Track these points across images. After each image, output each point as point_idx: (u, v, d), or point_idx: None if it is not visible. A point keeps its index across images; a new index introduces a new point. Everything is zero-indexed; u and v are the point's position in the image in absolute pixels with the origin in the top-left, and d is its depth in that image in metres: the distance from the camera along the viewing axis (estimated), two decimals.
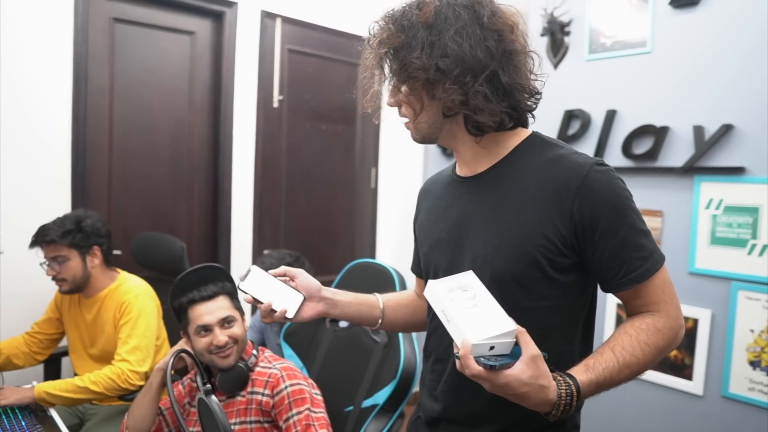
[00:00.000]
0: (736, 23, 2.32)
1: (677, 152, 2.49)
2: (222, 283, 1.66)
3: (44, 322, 2.12)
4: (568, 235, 0.94)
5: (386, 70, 1.02)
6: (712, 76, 2.39)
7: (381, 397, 1.68)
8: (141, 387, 1.81)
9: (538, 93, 1.01)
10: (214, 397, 1.27)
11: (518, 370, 0.83)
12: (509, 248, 0.96)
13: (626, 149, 2.63)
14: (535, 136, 1.04)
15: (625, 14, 2.66)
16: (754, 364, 2.29)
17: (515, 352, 0.86)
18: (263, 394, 1.58)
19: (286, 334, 2.02)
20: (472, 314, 0.88)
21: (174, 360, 1.40)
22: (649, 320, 0.96)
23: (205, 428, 1.30)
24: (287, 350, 2.00)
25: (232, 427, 1.57)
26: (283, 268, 1.12)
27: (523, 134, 1.04)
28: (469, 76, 0.93)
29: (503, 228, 0.98)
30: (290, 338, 2.01)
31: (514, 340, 0.86)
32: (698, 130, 2.40)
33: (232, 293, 1.67)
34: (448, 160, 3.47)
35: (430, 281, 0.93)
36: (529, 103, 1.01)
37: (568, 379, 0.88)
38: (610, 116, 2.68)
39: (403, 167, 3.60)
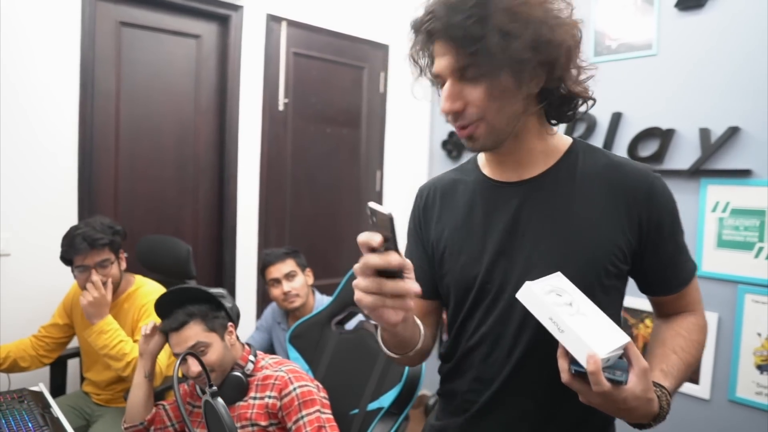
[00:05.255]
0: (742, 25, 2.31)
1: (683, 155, 2.48)
2: (192, 307, 1.60)
3: (51, 326, 2.12)
4: (633, 243, 0.94)
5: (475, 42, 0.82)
6: (718, 78, 2.38)
7: (386, 400, 1.68)
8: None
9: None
10: (220, 399, 1.27)
11: (633, 385, 0.80)
12: (580, 257, 0.92)
13: (632, 152, 2.62)
14: (579, 142, 1.00)
15: (630, 16, 2.66)
16: (762, 368, 2.28)
17: (619, 364, 0.83)
18: (270, 397, 1.58)
19: (292, 337, 2.02)
20: (584, 323, 0.82)
21: (180, 362, 1.40)
22: (692, 319, 0.99)
23: (211, 430, 1.30)
24: (293, 353, 2.00)
25: None
26: None
27: (566, 139, 1.00)
28: (573, 57, 0.88)
29: (572, 236, 0.93)
30: (296, 341, 2.01)
31: (623, 351, 0.84)
32: (704, 133, 2.40)
33: (205, 315, 1.60)
34: (453, 162, 3.47)
35: (527, 282, 0.85)
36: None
37: (662, 388, 0.86)
38: (616, 119, 2.68)
39: (408, 170, 3.60)
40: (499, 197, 0.99)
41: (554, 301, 0.84)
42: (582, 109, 0.96)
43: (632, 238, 0.93)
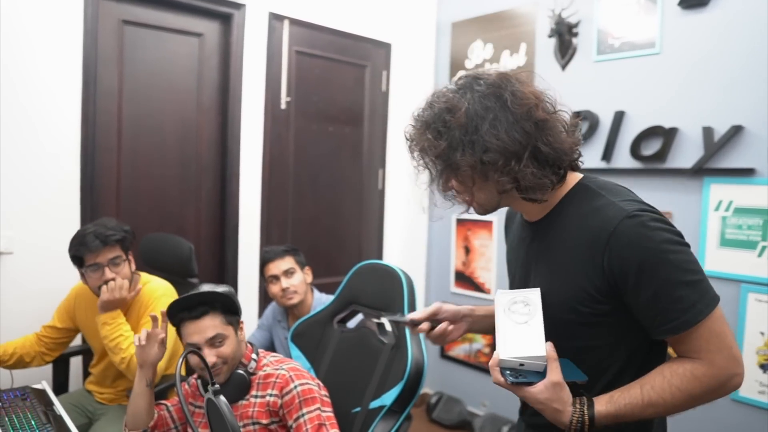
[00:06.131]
0: (745, 24, 2.31)
1: (686, 153, 2.47)
2: (213, 302, 1.60)
3: (50, 328, 2.12)
4: (603, 287, 0.98)
5: (432, 169, 1.06)
6: (721, 76, 2.38)
7: (388, 398, 1.67)
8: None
9: (579, 143, 1.05)
10: (222, 398, 1.27)
11: (536, 391, 0.96)
12: (554, 296, 1.04)
13: (634, 151, 2.62)
14: (581, 185, 1.07)
15: (633, 15, 2.65)
16: (765, 367, 2.27)
17: (545, 372, 0.97)
18: (271, 395, 1.58)
19: (294, 336, 2.03)
20: (518, 331, 0.99)
21: (183, 360, 1.40)
22: (688, 366, 0.96)
23: (214, 429, 1.30)
24: (295, 351, 2.00)
25: None
26: (434, 308, 1.26)
27: (571, 182, 1.08)
28: (513, 162, 0.97)
29: (550, 277, 1.07)
30: (298, 339, 2.02)
31: (545, 363, 0.96)
32: (707, 131, 2.39)
33: (224, 310, 1.61)
34: None
35: (499, 290, 1.06)
36: (574, 156, 1.05)
37: (585, 408, 0.96)
38: (619, 117, 2.67)
39: (411, 169, 3.59)
40: (522, 231, 1.18)
41: (516, 309, 1.02)
42: (546, 194, 1.03)
43: (600, 283, 0.98)
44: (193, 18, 2.77)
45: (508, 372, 0.97)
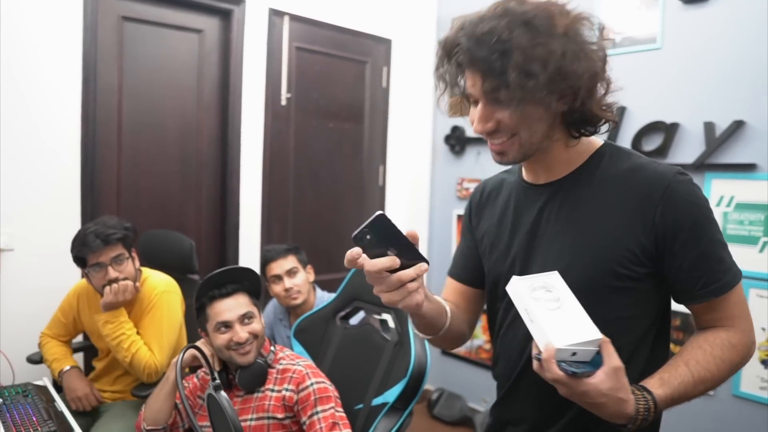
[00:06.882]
0: (747, 18, 2.30)
1: (687, 149, 2.47)
2: (242, 281, 1.68)
3: (63, 327, 2.14)
4: (649, 245, 0.93)
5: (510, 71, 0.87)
6: (722, 71, 2.37)
7: (391, 395, 1.68)
8: (155, 383, 1.83)
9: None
10: (223, 393, 1.27)
11: (598, 380, 0.83)
12: (586, 258, 0.95)
13: (636, 146, 2.61)
14: (608, 145, 1.03)
15: (634, 10, 2.64)
16: (766, 362, 2.27)
17: (596, 361, 0.86)
18: (287, 390, 1.60)
19: (297, 331, 2.03)
20: (557, 317, 0.87)
21: (184, 356, 1.40)
22: (723, 335, 0.94)
23: (215, 424, 1.30)
24: (297, 347, 2.00)
25: (249, 422, 1.58)
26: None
27: (595, 143, 1.03)
28: (597, 81, 0.93)
29: (581, 238, 0.97)
30: (301, 335, 2.01)
31: (597, 348, 0.86)
32: (709, 127, 2.39)
33: (250, 290, 1.69)
34: (456, 158, 3.46)
35: (514, 277, 0.92)
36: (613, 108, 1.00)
37: (646, 393, 0.87)
38: (620, 113, 2.67)
39: (411, 165, 3.59)
40: (528, 198, 1.06)
41: (539, 296, 0.88)
42: (604, 128, 0.98)
43: (647, 241, 0.92)
44: (193, 14, 2.76)
45: (564, 365, 0.83)
